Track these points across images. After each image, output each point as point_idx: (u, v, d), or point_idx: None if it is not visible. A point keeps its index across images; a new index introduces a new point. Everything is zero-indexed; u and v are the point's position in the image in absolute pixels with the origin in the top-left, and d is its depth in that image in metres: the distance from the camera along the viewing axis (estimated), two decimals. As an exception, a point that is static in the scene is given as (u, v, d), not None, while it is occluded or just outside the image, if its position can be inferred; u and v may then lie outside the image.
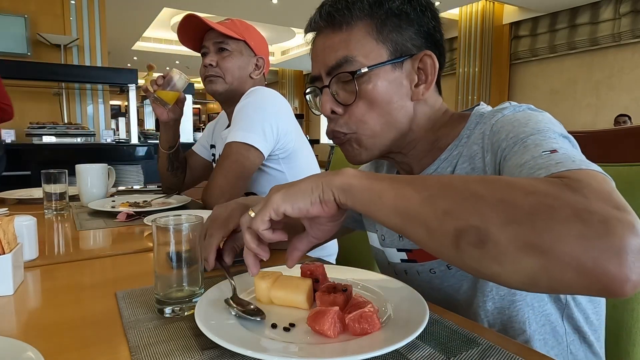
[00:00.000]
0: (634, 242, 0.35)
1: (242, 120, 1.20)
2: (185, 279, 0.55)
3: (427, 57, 0.66)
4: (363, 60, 0.64)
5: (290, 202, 0.48)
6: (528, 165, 0.49)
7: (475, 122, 0.67)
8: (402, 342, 0.42)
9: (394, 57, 0.65)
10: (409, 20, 0.65)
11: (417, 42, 0.66)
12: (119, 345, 0.47)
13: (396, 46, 0.65)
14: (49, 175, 1.22)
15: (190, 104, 4.13)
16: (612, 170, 0.61)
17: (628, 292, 0.35)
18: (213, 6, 7.00)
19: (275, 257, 0.81)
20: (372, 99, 0.65)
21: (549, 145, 0.50)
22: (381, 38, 0.65)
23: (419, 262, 0.72)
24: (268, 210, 0.49)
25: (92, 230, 1.04)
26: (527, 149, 0.52)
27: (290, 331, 0.48)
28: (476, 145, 0.63)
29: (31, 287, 0.67)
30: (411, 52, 0.66)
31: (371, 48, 0.64)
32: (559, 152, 0.48)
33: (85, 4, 4.16)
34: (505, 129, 0.58)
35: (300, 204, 0.48)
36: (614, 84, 6.45)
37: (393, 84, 0.65)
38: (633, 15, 6.01)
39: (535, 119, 0.58)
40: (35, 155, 3.03)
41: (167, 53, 10.48)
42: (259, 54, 1.36)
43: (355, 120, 0.67)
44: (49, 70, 3.59)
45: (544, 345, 0.63)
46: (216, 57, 1.30)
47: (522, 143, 0.54)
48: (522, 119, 0.58)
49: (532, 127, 0.55)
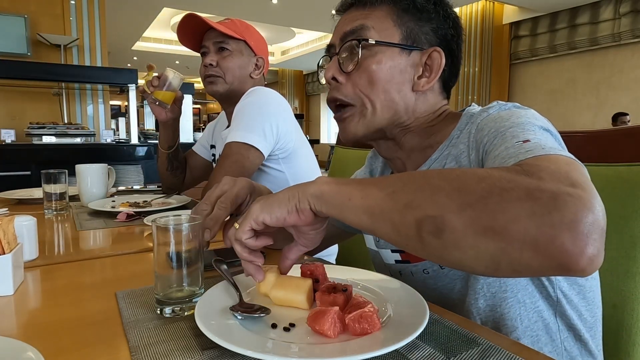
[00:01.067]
0: (587, 216, 0.35)
1: (242, 121, 1.20)
2: (185, 279, 0.55)
3: (435, 53, 0.68)
4: (375, 34, 0.67)
5: (268, 212, 0.50)
6: (501, 155, 0.50)
7: (466, 122, 0.68)
8: (402, 342, 0.42)
9: (405, 43, 0.67)
10: (429, 17, 0.68)
11: (432, 40, 0.69)
12: (119, 345, 0.47)
13: (410, 34, 0.68)
14: (49, 175, 1.22)
15: (190, 104, 4.13)
16: (612, 170, 0.61)
17: (584, 266, 0.35)
18: (213, 6, 7.00)
19: (276, 257, 0.81)
20: (371, 73, 0.67)
21: (524, 136, 0.51)
22: (398, 22, 0.67)
23: (412, 262, 0.72)
24: (249, 221, 0.51)
25: (92, 231, 1.04)
26: (504, 141, 0.53)
27: (290, 331, 0.48)
28: (462, 144, 0.65)
29: (31, 287, 0.67)
30: (423, 45, 0.68)
31: (386, 27, 0.67)
32: (531, 142, 0.49)
33: (85, 4, 4.16)
34: (488, 126, 0.60)
35: (278, 213, 0.50)
36: (614, 84, 6.45)
37: (396, 67, 0.67)
38: (633, 15, 6.01)
39: (518, 114, 0.59)
40: (35, 155, 3.02)
41: (167, 53, 10.48)
42: (258, 54, 1.36)
43: (356, 91, 0.68)
44: (49, 70, 3.59)
45: (536, 342, 0.63)
46: (216, 57, 1.30)
47: (501, 135, 0.55)
48: (505, 115, 0.60)
49: (512, 121, 0.56)
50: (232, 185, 0.66)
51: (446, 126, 0.71)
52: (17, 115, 3.91)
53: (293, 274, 0.58)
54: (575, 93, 6.95)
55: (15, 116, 3.90)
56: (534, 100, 7.41)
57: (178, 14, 8.38)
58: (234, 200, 0.65)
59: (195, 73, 14.44)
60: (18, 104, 3.94)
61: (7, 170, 2.78)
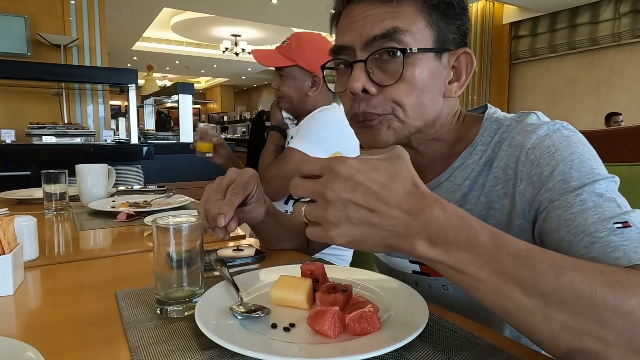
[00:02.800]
0: None
1: (304, 132, 1.37)
2: (185, 279, 0.55)
3: (464, 55, 0.63)
4: (411, 39, 0.59)
5: (350, 242, 0.42)
6: (597, 239, 0.47)
7: (494, 130, 0.64)
8: (402, 342, 0.42)
9: (437, 45, 0.61)
10: (455, 13, 0.61)
11: (457, 39, 0.63)
12: (119, 345, 0.47)
13: (441, 34, 0.61)
14: (49, 175, 1.22)
15: (190, 104, 4.13)
16: (612, 170, 0.60)
17: None
18: (213, 6, 6.99)
19: (276, 257, 0.81)
20: (413, 84, 0.60)
21: (613, 211, 0.48)
22: (430, 21, 0.60)
23: (433, 276, 0.70)
24: (317, 233, 0.43)
25: (92, 231, 1.04)
26: (586, 209, 0.49)
27: (290, 331, 0.48)
28: (510, 169, 0.59)
29: (31, 287, 0.67)
30: (450, 45, 0.62)
31: (420, 28, 0.60)
32: (632, 228, 0.46)
33: (85, 4, 4.15)
34: (546, 162, 0.55)
35: (362, 247, 0.43)
36: (613, 84, 6.45)
37: (433, 73, 0.61)
38: (633, 15, 6.01)
39: (577, 151, 0.55)
40: (35, 155, 3.02)
41: (167, 53, 10.48)
42: (313, 72, 1.42)
43: (392, 103, 0.61)
44: (49, 71, 3.58)
45: None
46: (278, 82, 1.45)
47: (576, 195, 0.51)
48: (563, 149, 0.55)
49: (579, 169, 0.53)
50: (240, 174, 0.67)
51: (467, 130, 0.67)
52: (17, 115, 3.91)
53: (293, 274, 0.58)
54: (575, 93, 6.95)
55: (15, 116, 3.90)
56: (534, 101, 7.41)
57: (178, 14, 8.39)
58: (245, 187, 0.65)
59: (196, 73, 14.45)
60: (18, 104, 3.94)
61: (7, 170, 2.78)
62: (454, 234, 0.39)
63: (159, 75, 13.93)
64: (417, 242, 0.40)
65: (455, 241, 0.39)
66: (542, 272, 0.37)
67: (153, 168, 3.30)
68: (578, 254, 0.48)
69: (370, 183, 0.40)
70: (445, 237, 0.39)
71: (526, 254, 0.38)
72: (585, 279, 0.37)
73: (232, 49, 9.80)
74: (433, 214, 0.40)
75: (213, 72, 13.99)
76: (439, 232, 0.39)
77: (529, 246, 0.40)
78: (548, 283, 0.37)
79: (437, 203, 0.40)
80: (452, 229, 0.39)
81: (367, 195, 0.40)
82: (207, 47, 10.69)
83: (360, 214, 0.40)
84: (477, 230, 0.40)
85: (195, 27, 9.09)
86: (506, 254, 0.39)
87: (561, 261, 0.38)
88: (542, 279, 0.37)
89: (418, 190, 0.41)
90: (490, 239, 0.39)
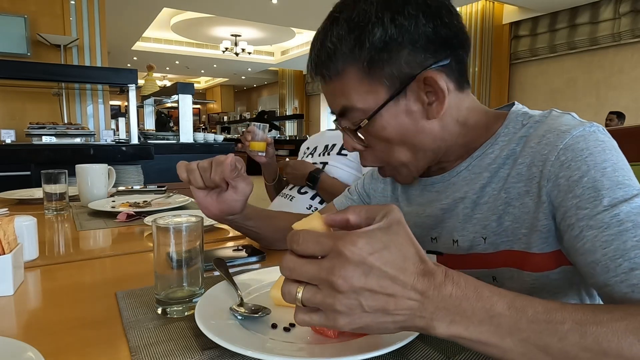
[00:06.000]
0: None
1: None
2: (185, 279, 0.55)
3: (428, 78, 0.58)
4: (362, 106, 0.60)
5: (358, 327, 0.39)
6: (638, 265, 0.45)
7: (520, 123, 0.63)
8: (402, 342, 0.42)
9: (393, 91, 0.59)
10: (398, 45, 0.57)
11: (416, 60, 0.58)
12: (119, 345, 0.47)
13: (393, 79, 0.59)
14: (49, 175, 1.23)
15: (190, 104, 4.13)
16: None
17: None
18: (213, 6, 6.99)
19: (276, 257, 0.81)
20: (386, 139, 0.62)
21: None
22: (375, 78, 0.59)
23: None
24: (319, 322, 0.39)
25: (92, 231, 1.04)
26: (624, 230, 0.47)
27: (290, 331, 0.48)
28: (535, 167, 0.57)
29: (31, 288, 0.67)
30: (411, 75, 0.58)
31: (367, 91, 0.59)
32: None
33: (85, 4, 4.15)
34: (577, 165, 0.52)
35: (369, 331, 0.41)
36: (614, 84, 6.45)
37: (402, 115, 0.60)
38: (633, 15, 6.01)
39: (611, 159, 0.52)
40: (35, 155, 3.02)
41: (167, 53, 10.48)
42: None
43: (381, 155, 0.66)
44: (49, 71, 3.58)
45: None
46: None
47: (614, 215, 0.48)
48: (597, 154, 0.52)
49: (611, 178, 0.50)
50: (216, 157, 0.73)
51: (489, 127, 0.65)
52: (17, 115, 3.91)
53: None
54: (575, 93, 6.95)
55: (15, 116, 3.90)
56: (534, 100, 7.41)
57: (178, 13, 8.39)
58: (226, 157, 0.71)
59: (196, 73, 14.45)
60: (18, 104, 3.94)
61: (7, 170, 2.77)
62: (470, 308, 0.38)
63: (159, 75, 13.94)
64: (436, 324, 0.38)
65: (473, 316, 0.38)
66: (566, 333, 0.37)
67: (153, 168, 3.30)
68: (615, 279, 0.46)
69: (384, 266, 0.37)
70: (463, 313, 0.38)
71: (546, 317, 0.38)
72: (609, 333, 0.36)
73: (232, 49, 9.80)
74: (447, 292, 0.38)
75: (213, 72, 13.99)
76: (456, 308, 0.38)
77: (546, 306, 0.39)
78: (574, 344, 0.37)
79: (448, 278, 0.39)
80: (467, 303, 0.38)
81: (382, 280, 0.37)
82: (207, 47, 10.70)
83: (374, 302, 0.37)
84: (492, 299, 0.39)
85: (195, 27, 9.09)
86: (526, 320, 0.38)
87: (581, 317, 0.38)
88: (567, 342, 0.37)
89: (427, 266, 0.39)
90: (507, 307, 0.38)
